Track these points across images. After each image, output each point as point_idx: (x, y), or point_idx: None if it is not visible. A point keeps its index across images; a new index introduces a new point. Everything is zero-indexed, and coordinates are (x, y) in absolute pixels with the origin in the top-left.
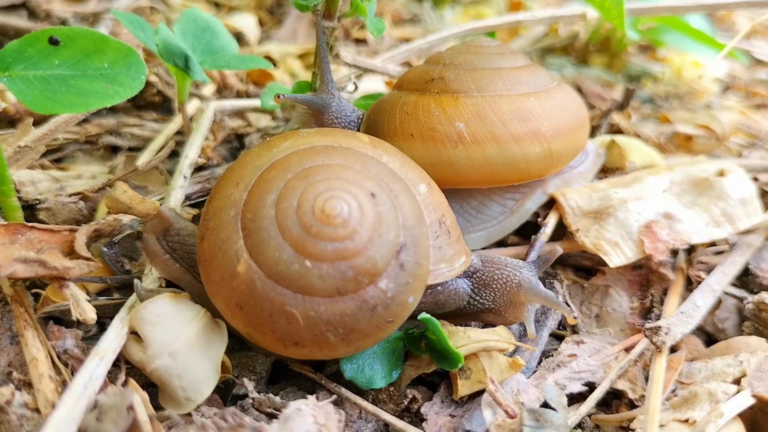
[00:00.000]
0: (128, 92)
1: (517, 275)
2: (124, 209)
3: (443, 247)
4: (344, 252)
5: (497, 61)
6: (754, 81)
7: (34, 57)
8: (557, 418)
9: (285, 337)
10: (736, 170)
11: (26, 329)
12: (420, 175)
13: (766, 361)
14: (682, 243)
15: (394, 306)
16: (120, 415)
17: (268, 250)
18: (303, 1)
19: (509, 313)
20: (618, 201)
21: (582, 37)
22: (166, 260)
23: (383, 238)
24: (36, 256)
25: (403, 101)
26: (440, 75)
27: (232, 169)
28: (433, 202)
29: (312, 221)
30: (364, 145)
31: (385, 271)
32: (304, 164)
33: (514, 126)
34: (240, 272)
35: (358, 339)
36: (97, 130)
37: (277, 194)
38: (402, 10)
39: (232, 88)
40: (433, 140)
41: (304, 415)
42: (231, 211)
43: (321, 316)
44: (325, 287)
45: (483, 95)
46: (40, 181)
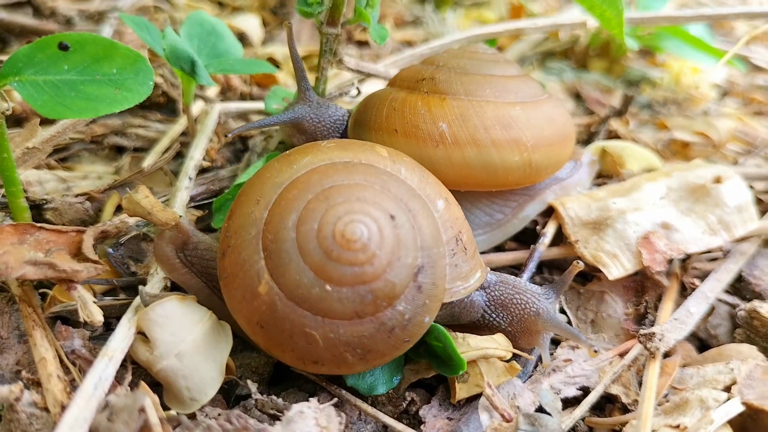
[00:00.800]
0: (136, 98)
1: (535, 303)
2: (143, 214)
3: (459, 264)
4: (363, 276)
5: (489, 68)
6: (752, 87)
7: (44, 62)
8: (552, 423)
9: (305, 356)
10: (732, 176)
11: (35, 329)
12: (437, 189)
13: (757, 369)
14: (678, 253)
15: (411, 327)
16: (132, 416)
17: (289, 272)
18: (307, 8)
19: (523, 339)
20: (616, 212)
21: (582, 42)
22: (185, 274)
23: (401, 262)
24: (45, 259)
25: (393, 97)
26: (431, 75)
27: (252, 185)
28: (450, 219)
29: (332, 246)
30: (383, 160)
31: (402, 293)
32: (324, 184)
33: (495, 132)
34: (261, 293)
35: (376, 358)
36: (103, 130)
37: (298, 216)
38: (404, 13)
39: (236, 89)
40: (416, 137)
41: (306, 417)
42: (252, 230)
43: (340, 338)
44: (345, 310)
45: (470, 99)
46: (47, 181)
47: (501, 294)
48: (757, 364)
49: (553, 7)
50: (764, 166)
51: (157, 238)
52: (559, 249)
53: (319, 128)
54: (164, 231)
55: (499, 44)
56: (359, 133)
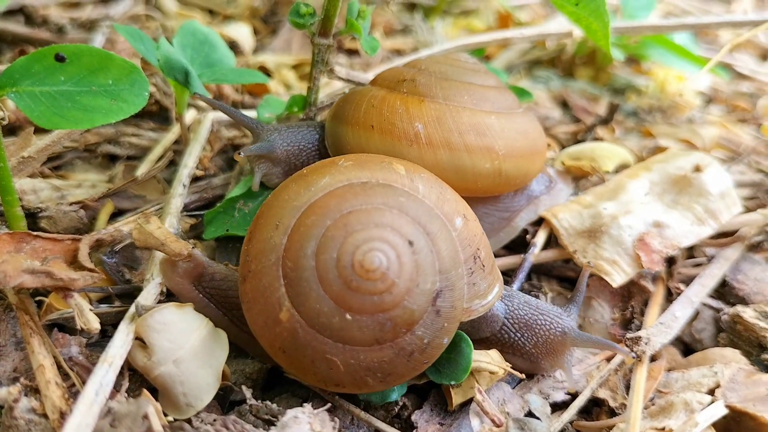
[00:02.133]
0: (132, 108)
1: (560, 323)
2: (155, 245)
3: (477, 282)
4: (383, 305)
5: (469, 76)
6: (736, 94)
7: (41, 73)
8: (541, 427)
9: (326, 380)
10: (711, 163)
11: (32, 336)
12: (455, 206)
13: (740, 373)
14: (673, 248)
15: (430, 349)
16: (135, 423)
17: (309, 301)
18: (299, 19)
19: (547, 361)
20: (609, 218)
21: (569, 50)
22: (205, 307)
23: (420, 288)
24: (43, 267)
25: (373, 94)
26: (412, 77)
27: (271, 208)
28: (468, 236)
29: (352, 276)
30: (401, 179)
31: (421, 319)
32: (342, 209)
33: (469, 137)
34: (282, 320)
35: (395, 380)
36: (96, 139)
37: (317, 243)
38: (393, 21)
39: (228, 98)
40: (391, 135)
41: (301, 422)
42: (272, 256)
43: (360, 364)
44: (364, 338)
45: (447, 104)
46: (42, 189)
47: (525, 314)
48: (741, 368)
49: (540, 15)
50: (748, 172)
51: (169, 271)
52: (546, 252)
53: (294, 152)
54: (176, 263)
55: (488, 53)
56: (336, 127)
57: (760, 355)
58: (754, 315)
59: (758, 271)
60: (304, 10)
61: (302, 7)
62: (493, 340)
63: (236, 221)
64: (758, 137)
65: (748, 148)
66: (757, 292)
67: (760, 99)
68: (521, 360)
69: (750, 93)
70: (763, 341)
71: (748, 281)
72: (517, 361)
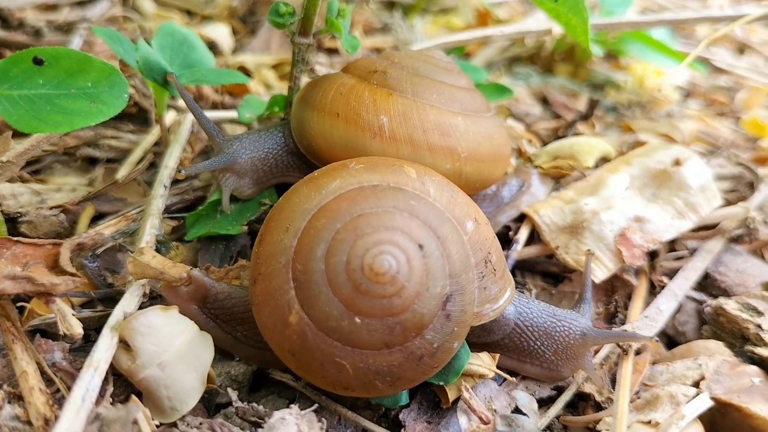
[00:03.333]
0: (111, 111)
1: (578, 326)
2: (153, 275)
3: (488, 286)
4: (392, 308)
5: (441, 75)
6: (713, 88)
7: (19, 76)
8: (528, 423)
9: (335, 383)
10: (690, 157)
11: (14, 343)
12: (467, 210)
13: (724, 365)
14: (654, 243)
15: (440, 354)
16: (125, 428)
17: (318, 304)
18: (279, 19)
19: (567, 366)
20: (590, 213)
21: (548, 47)
22: (212, 329)
23: (430, 292)
24: (24, 273)
25: (342, 82)
26: (384, 69)
27: (281, 211)
28: (479, 240)
29: (361, 279)
30: (412, 182)
31: (431, 323)
32: (352, 212)
33: (433, 136)
34: (292, 323)
35: (405, 384)
36: (75, 142)
37: (327, 246)
38: (373, 20)
39: (208, 99)
40: (355, 125)
41: (288, 423)
42: (282, 259)
43: (369, 368)
44: (374, 341)
45: (415, 100)
46: (21, 194)
47: (544, 322)
48: (724, 360)
49: (519, 12)
50: (727, 166)
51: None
52: (530, 248)
53: (258, 159)
54: (177, 288)
55: (467, 50)
56: (302, 111)
57: (744, 347)
58: (737, 307)
59: (740, 263)
60: (283, 9)
61: (282, 7)
62: (510, 347)
63: (218, 222)
64: (737, 130)
65: (727, 141)
66: (739, 284)
67: (737, 93)
68: (539, 369)
69: (728, 87)
70: (746, 333)
71: (730, 273)
72: (535, 371)
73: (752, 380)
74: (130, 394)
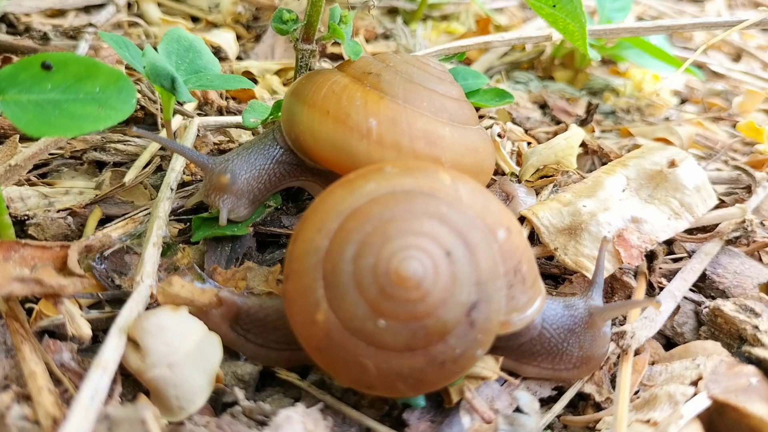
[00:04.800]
0: (120, 116)
1: (582, 306)
2: (185, 303)
3: (516, 296)
4: (415, 313)
5: (434, 83)
6: (710, 93)
7: (28, 81)
8: (530, 422)
9: (358, 382)
10: (686, 158)
11: (23, 344)
12: (499, 218)
13: (722, 365)
14: (651, 243)
15: (462, 360)
16: (133, 428)
17: (345, 305)
18: (282, 25)
19: (594, 350)
20: (588, 215)
21: (547, 53)
22: (244, 345)
23: (455, 299)
24: (32, 275)
25: (336, 80)
26: (378, 72)
27: (316, 211)
28: (510, 249)
29: (386, 283)
30: (445, 188)
31: (454, 329)
32: (383, 216)
33: (419, 144)
34: (319, 320)
35: (426, 388)
36: (83, 146)
37: (356, 249)
38: (375, 26)
39: (213, 103)
40: (344, 125)
41: (294, 422)
42: (313, 258)
43: (392, 369)
44: (396, 344)
45: (406, 106)
46: (29, 197)
47: (566, 321)
48: (722, 360)
49: (519, 18)
50: (725, 169)
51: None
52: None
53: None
54: (209, 311)
55: (468, 56)
56: (293, 104)
57: (741, 347)
58: (734, 308)
59: (737, 265)
60: (287, 16)
61: (285, 14)
62: (541, 352)
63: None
64: (735, 135)
65: (725, 145)
66: (736, 285)
67: (734, 97)
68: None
69: (725, 91)
70: (743, 333)
71: (727, 275)
72: (563, 374)
73: (750, 380)
74: (138, 394)
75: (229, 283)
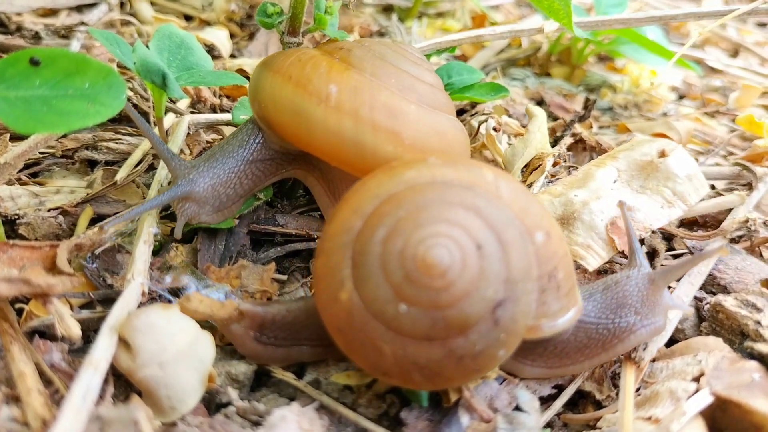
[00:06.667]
0: (109, 112)
1: (640, 275)
2: (205, 318)
3: (548, 302)
4: (437, 302)
5: (407, 66)
6: (708, 88)
7: (15, 77)
8: (529, 420)
9: (375, 366)
10: (676, 148)
11: (12, 344)
12: (540, 221)
13: (724, 361)
14: (645, 230)
15: (482, 358)
16: (126, 428)
17: (369, 286)
18: (267, 19)
19: (656, 316)
20: (580, 204)
21: (544, 49)
22: (272, 353)
23: (480, 294)
24: (20, 275)
25: (305, 52)
26: (350, 48)
27: (355, 193)
28: (547, 253)
29: (412, 268)
30: (485, 184)
31: (476, 324)
32: (418, 202)
33: (379, 115)
34: (342, 299)
35: (442, 383)
36: (74, 144)
37: (387, 231)
38: (370, 23)
39: (207, 101)
40: (304, 89)
41: (289, 421)
42: (345, 237)
43: (408, 357)
44: (415, 331)
45: (372, 79)
46: (19, 196)
47: (613, 297)
48: (724, 356)
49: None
50: (724, 164)
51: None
52: None
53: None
54: (230, 326)
55: (464, 52)
56: (260, 71)
57: (743, 343)
58: (736, 303)
59: (738, 261)
60: (271, 9)
61: (269, 7)
62: (597, 338)
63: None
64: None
65: (723, 140)
66: (738, 281)
67: (732, 93)
68: (638, 334)
69: (723, 87)
70: (745, 329)
71: (729, 270)
72: (636, 339)
73: (752, 376)
74: (131, 394)
75: (223, 281)
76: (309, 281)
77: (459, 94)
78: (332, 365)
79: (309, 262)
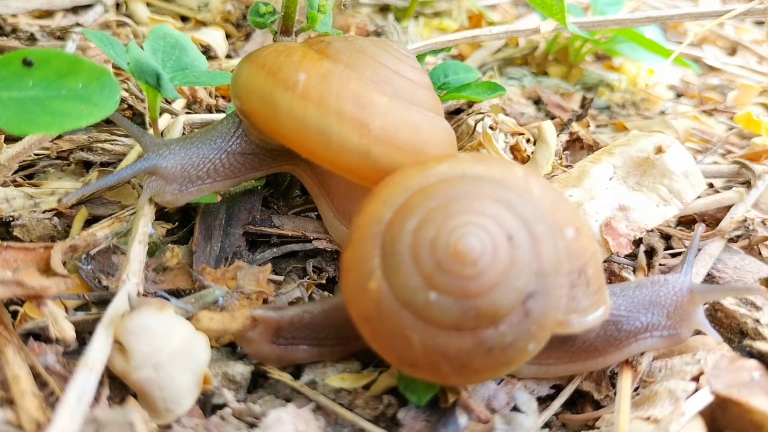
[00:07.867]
0: (103, 112)
1: (681, 283)
2: (219, 334)
3: (578, 297)
4: (468, 291)
5: (389, 61)
6: (705, 87)
7: (8, 78)
8: (527, 421)
9: (402, 358)
10: (673, 143)
11: (6, 346)
12: (569, 217)
13: (723, 359)
14: (640, 231)
15: (512, 351)
16: (121, 431)
17: (398, 275)
18: (259, 18)
19: (683, 327)
20: (575, 204)
21: (541, 48)
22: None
23: (511, 284)
24: (13, 277)
25: (285, 43)
26: (331, 41)
27: (385, 186)
28: (577, 249)
29: (444, 256)
30: (516, 180)
31: (507, 315)
32: (449, 194)
33: (346, 104)
34: (371, 289)
35: (471, 375)
36: (69, 145)
37: (418, 221)
38: (367, 23)
39: (202, 102)
40: (274, 77)
41: (285, 423)
42: (374, 228)
43: (437, 347)
44: (445, 321)
45: (344, 69)
46: (14, 198)
47: (644, 295)
48: (723, 354)
49: (512, 15)
50: (722, 163)
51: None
52: None
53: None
54: (247, 335)
55: (461, 52)
56: (240, 64)
57: (742, 342)
58: (735, 302)
59: (737, 260)
60: (263, 9)
61: (261, 6)
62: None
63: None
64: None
65: (721, 138)
66: (737, 280)
67: (730, 91)
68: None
69: (720, 85)
70: (744, 327)
71: (728, 270)
72: (654, 342)
73: (752, 375)
74: (126, 396)
75: (219, 282)
76: (305, 282)
77: (455, 93)
78: (329, 366)
79: (305, 263)
